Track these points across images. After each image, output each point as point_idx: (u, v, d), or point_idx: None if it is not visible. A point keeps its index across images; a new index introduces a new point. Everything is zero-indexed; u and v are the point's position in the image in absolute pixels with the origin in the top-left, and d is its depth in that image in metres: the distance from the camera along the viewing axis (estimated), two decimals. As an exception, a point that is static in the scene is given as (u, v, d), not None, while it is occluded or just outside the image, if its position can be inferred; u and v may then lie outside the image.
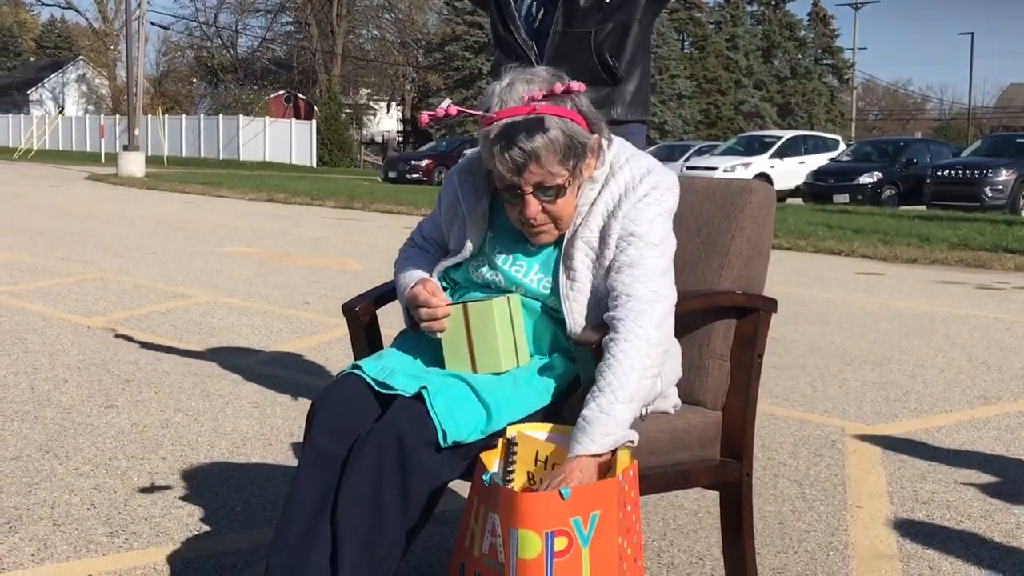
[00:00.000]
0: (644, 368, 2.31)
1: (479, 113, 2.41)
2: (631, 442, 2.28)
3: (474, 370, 2.40)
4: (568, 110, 2.37)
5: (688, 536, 3.45)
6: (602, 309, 2.44)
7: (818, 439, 4.65)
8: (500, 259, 2.56)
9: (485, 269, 2.58)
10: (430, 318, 2.46)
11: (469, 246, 2.58)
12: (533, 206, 2.41)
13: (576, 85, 2.33)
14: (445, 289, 2.63)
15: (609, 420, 2.23)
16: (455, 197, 2.65)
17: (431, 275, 2.63)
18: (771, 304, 2.68)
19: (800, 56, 65.98)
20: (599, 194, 2.47)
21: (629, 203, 2.44)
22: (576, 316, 2.45)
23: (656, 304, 2.36)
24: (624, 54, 3.92)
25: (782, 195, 28.78)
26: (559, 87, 2.32)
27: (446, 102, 2.42)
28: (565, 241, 2.48)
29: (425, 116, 2.45)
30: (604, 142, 2.49)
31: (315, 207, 20.77)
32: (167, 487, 3.79)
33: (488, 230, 2.60)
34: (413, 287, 2.56)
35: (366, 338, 2.86)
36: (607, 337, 2.34)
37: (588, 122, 2.42)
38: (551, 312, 2.52)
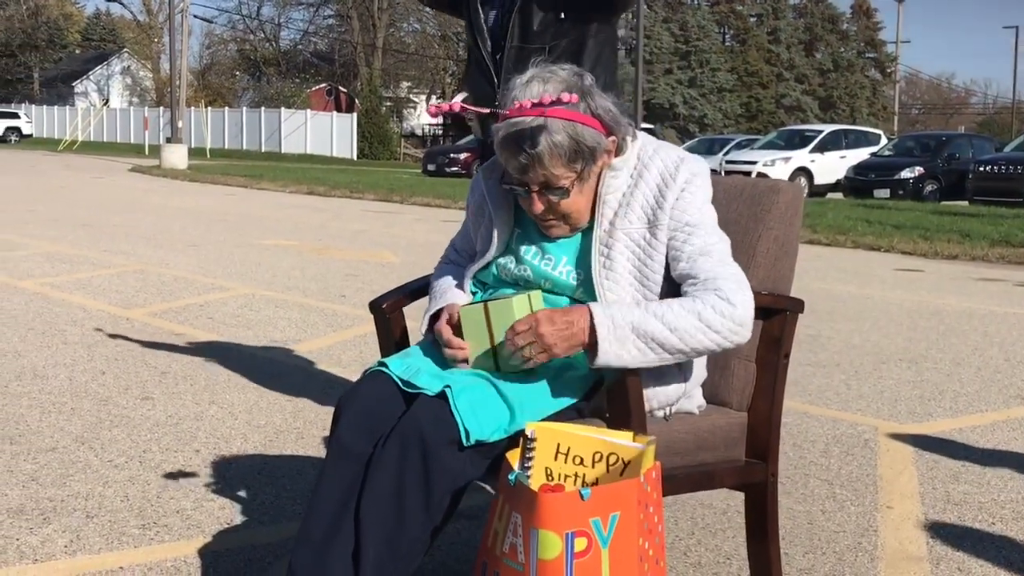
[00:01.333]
0: (708, 323, 2.34)
1: (483, 111, 2.46)
2: (700, 406, 2.40)
3: (497, 368, 2.41)
4: (580, 114, 2.39)
5: (716, 535, 3.45)
6: (637, 299, 2.46)
7: (850, 438, 4.62)
8: (528, 253, 2.58)
9: (513, 265, 2.60)
10: (452, 358, 2.49)
11: (496, 241, 2.60)
12: (537, 204, 2.46)
13: (567, 97, 2.34)
14: (475, 294, 2.65)
15: (638, 318, 2.31)
16: (482, 196, 2.68)
17: (463, 284, 2.68)
18: (798, 305, 2.67)
19: (843, 49, 65.48)
20: (635, 186, 2.50)
21: (673, 194, 2.47)
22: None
23: (745, 287, 2.41)
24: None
25: (822, 190, 28.64)
26: (565, 96, 2.32)
27: (459, 96, 2.44)
28: (600, 231, 2.50)
29: (432, 108, 2.48)
30: (628, 139, 2.51)
31: (355, 200, 20.86)
32: (199, 480, 3.83)
33: (516, 226, 2.63)
34: (436, 322, 2.58)
35: (393, 335, 2.87)
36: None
37: (604, 124, 2.43)
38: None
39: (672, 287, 2.49)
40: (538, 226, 2.57)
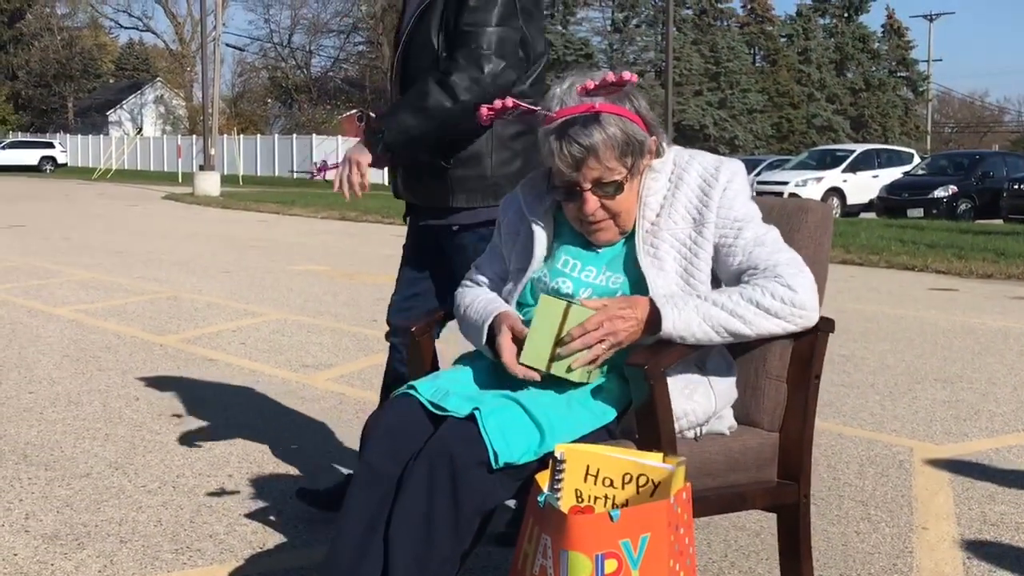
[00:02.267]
0: (766, 308, 2.41)
1: (538, 109, 2.48)
2: (731, 427, 2.53)
3: (548, 368, 2.38)
4: (626, 110, 2.46)
5: (749, 558, 3.42)
6: None
7: (885, 459, 4.59)
8: (567, 266, 2.59)
9: (549, 279, 2.60)
10: (510, 367, 2.45)
11: (538, 252, 2.62)
12: (592, 202, 2.48)
13: (628, 75, 2.40)
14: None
15: (701, 303, 2.39)
16: (518, 213, 2.70)
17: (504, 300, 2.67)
18: (828, 324, 2.65)
19: (874, 68, 65.25)
20: (677, 188, 2.55)
21: (717, 192, 2.52)
22: (659, 297, 2.46)
23: (805, 271, 2.47)
24: None
25: (855, 210, 28.47)
26: (611, 76, 2.39)
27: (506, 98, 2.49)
28: (642, 233, 2.53)
29: (484, 109, 2.50)
30: (664, 143, 2.57)
31: (386, 225, 20.92)
32: (232, 504, 3.84)
33: (554, 239, 2.64)
34: (500, 327, 2.52)
35: (423, 358, 2.88)
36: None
37: (646, 123, 2.50)
38: None
39: (716, 287, 2.53)
40: (577, 237, 2.59)
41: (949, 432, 5.07)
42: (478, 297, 2.70)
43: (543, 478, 2.22)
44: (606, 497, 2.20)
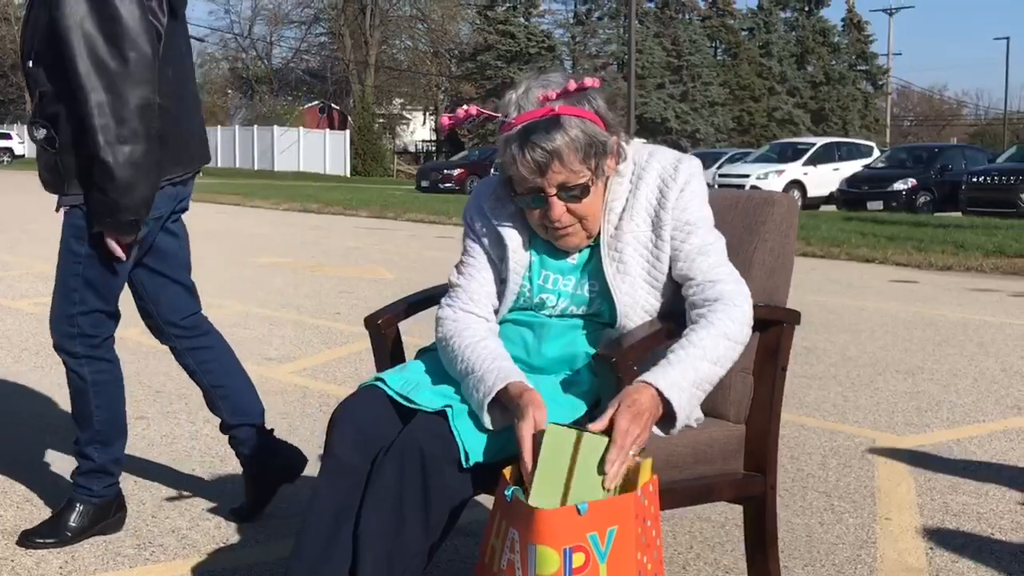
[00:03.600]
0: (735, 339, 2.38)
1: (498, 116, 2.44)
2: (698, 420, 2.46)
3: (564, 502, 2.10)
4: (586, 111, 2.40)
5: (715, 549, 3.43)
6: (650, 301, 2.49)
7: (848, 450, 4.61)
8: (548, 281, 2.56)
9: (528, 290, 2.57)
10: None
11: (514, 262, 2.55)
12: (558, 208, 2.42)
13: (590, 81, 2.39)
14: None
15: (691, 372, 2.29)
16: (494, 231, 2.59)
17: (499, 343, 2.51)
18: (794, 316, 2.66)
19: (834, 62, 65.63)
20: (637, 188, 2.52)
21: (674, 194, 2.49)
22: (626, 306, 2.47)
23: (743, 284, 2.45)
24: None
25: (816, 202, 28.68)
26: (572, 84, 2.36)
27: (466, 105, 2.44)
28: (607, 237, 2.50)
29: (445, 119, 2.48)
30: (623, 143, 2.52)
31: (348, 217, 20.87)
32: (195, 499, 3.81)
33: (529, 246, 2.58)
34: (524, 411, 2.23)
35: (388, 351, 2.86)
36: (697, 312, 2.42)
37: (606, 123, 2.45)
38: (589, 323, 2.53)
39: (676, 287, 2.51)
40: (548, 245, 2.55)
41: (911, 423, 5.11)
42: (476, 342, 2.46)
43: (509, 471, 2.21)
44: (574, 490, 2.19)
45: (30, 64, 3.15)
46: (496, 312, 2.59)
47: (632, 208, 2.51)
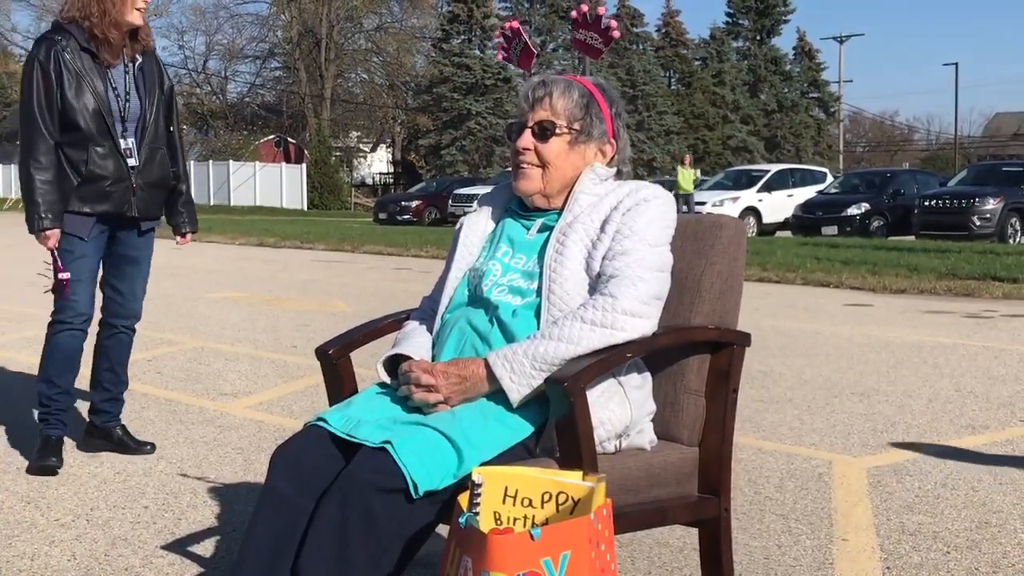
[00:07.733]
0: (591, 321, 2.46)
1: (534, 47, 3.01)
2: (652, 442, 2.60)
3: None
4: (605, 104, 2.71)
5: (673, 573, 3.42)
6: (578, 289, 2.56)
7: (805, 472, 4.63)
8: (500, 251, 2.71)
9: (482, 265, 2.70)
10: (423, 402, 2.49)
11: (470, 241, 2.79)
12: (526, 137, 2.67)
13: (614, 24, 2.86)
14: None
15: (529, 345, 2.44)
16: (476, 215, 2.86)
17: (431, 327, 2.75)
18: (744, 338, 2.67)
19: (786, 90, 66.27)
20: (607, 195, 2.66)
21: (631, 202, 2.62)
22: (552, 282, 2.56)
23: (639, 284, 2.49)
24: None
25: (771, 228, 28.92)
26: (585, 7, 2.87)
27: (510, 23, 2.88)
28: (563, 223, 2.64)
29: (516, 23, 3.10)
30: (617, 153, 2.75)
31: (305, 250, 20.78)
32: (148, 537, 3.76)
33: (499, 231, 2.77)
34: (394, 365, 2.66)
35: (342, 381, 2.85)
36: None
37: (614, 131, 2.73)
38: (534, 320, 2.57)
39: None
40: (514, 225, 2.74)
41: (866, 444, 5.14)
42: (403, 329, 2.81)
43: (464, 499, 2.20)
44: (525, 517, 2.19)
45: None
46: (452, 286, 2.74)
47: (596, 208, 2.63)
